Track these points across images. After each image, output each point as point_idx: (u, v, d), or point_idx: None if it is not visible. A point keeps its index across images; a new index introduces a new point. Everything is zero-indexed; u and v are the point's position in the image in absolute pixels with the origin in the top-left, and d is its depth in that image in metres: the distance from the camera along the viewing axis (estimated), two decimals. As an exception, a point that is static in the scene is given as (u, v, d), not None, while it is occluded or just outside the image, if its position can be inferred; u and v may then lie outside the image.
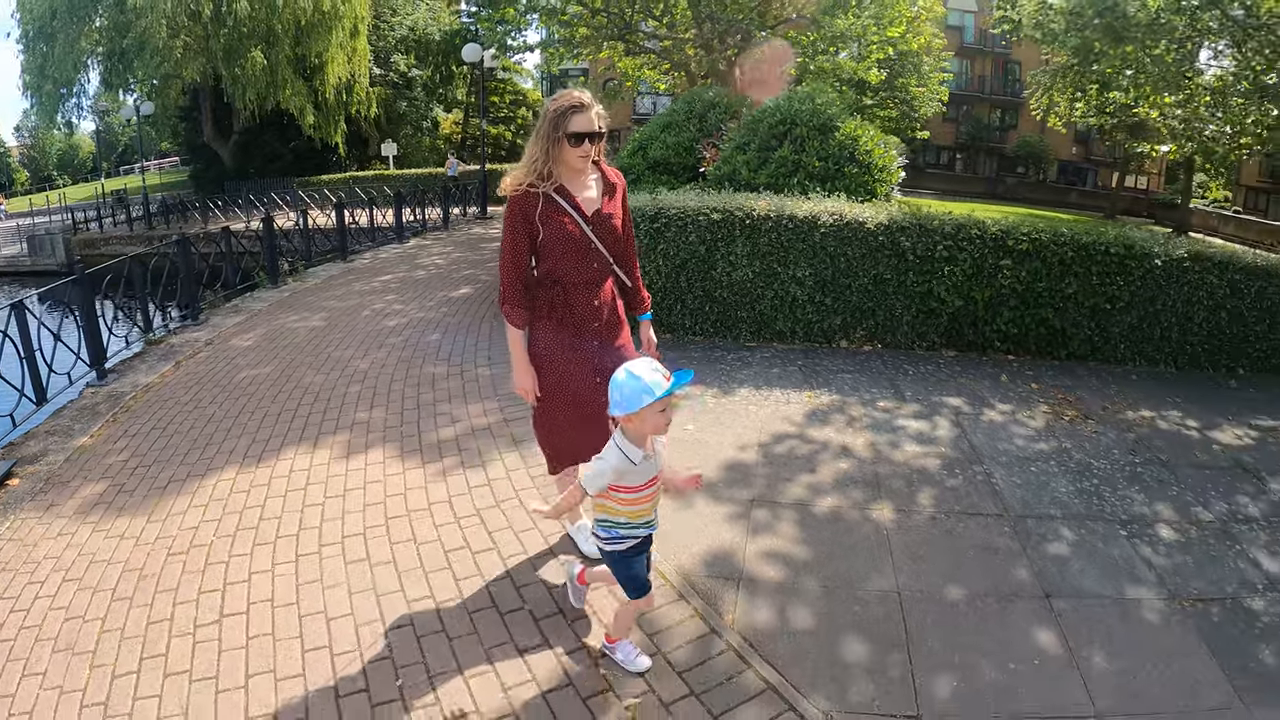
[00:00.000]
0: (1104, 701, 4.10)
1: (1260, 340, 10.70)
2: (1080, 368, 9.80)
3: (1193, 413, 8.72)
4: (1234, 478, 7.16)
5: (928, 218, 9.53)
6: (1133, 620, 4.81)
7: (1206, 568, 5.53)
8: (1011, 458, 6.89)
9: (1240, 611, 5.04)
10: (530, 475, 6.06)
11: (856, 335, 9.61)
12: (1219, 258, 10.29)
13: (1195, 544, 5.84)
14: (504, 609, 4.43)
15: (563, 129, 4.07)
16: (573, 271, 4.31)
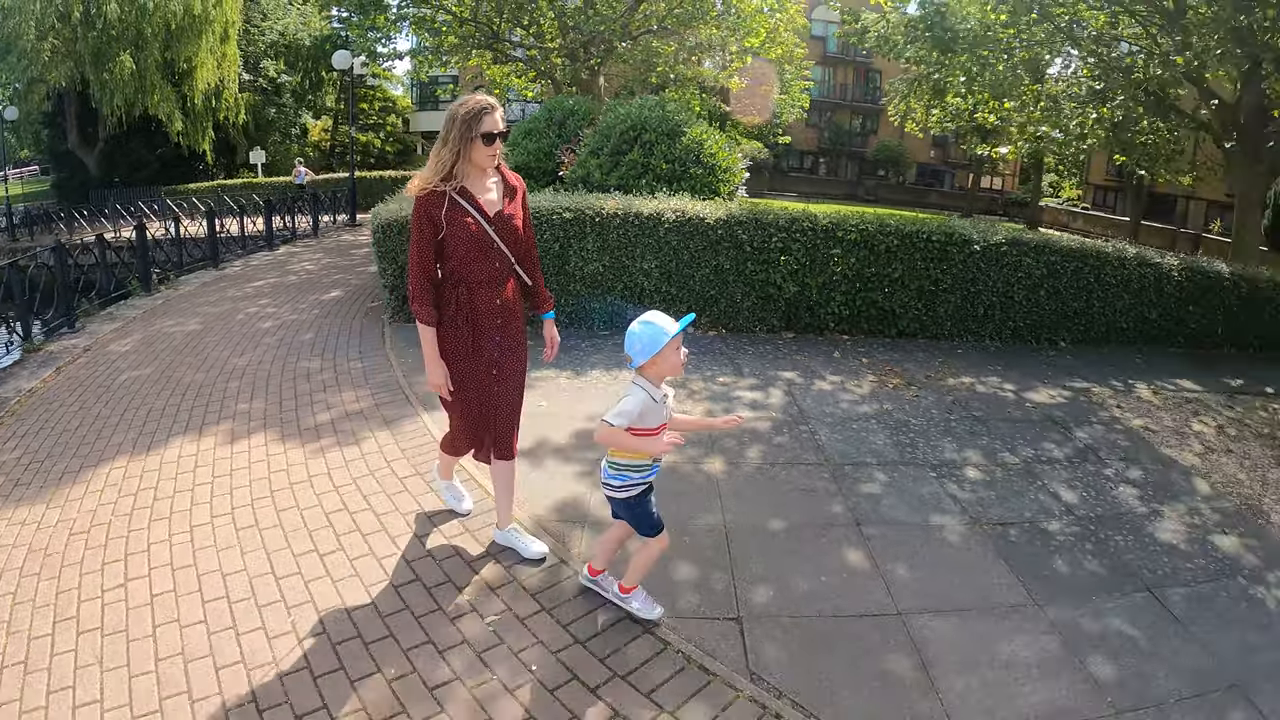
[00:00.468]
0: (906, 603, 4.90)
1: (1078, 315, 11.98)
2: (910, 344, 10.79)
3: (1011, 378, 9.81)
4: (1043, 429, 8.24)
5: (763, 213, 10.32)
6: (935, 542, 5.67)
7: (1009, 500, 6.49)
8: (836, 419, 7.73)
9: (1037, 533, 5.99)
10: (400, 448, 6.62)
11: (702, 321, 10.33)
12: (1035, 243, 11.45)
13: (1000, 482, 6.80)
14: (379, 555, 5.01)
15: (476, 130, 4.27)
16: (475, 270, 4.48)
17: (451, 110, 4.37)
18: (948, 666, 4.39)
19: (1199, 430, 9.09)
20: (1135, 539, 6.17)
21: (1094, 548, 5.91)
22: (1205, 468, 7.95)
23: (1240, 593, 5.66)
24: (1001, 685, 4.31)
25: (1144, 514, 6.67)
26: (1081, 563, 5.68)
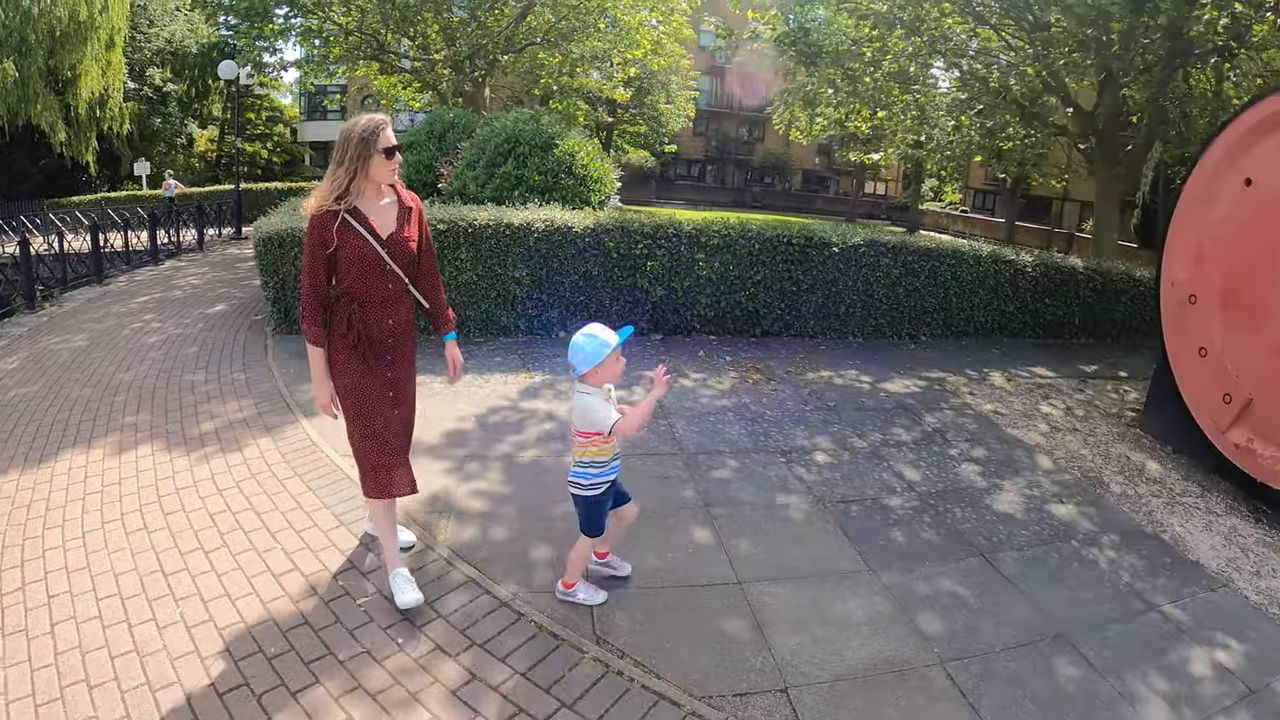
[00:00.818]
0: (746, 573, 5.31)
1: (937, 311, 12.66)
2: (774, 342, 11.27)
3: (869, 371, 10.36)
4: (894, 415, 8.79)
5: (629, 221, 10.70)
6: (779, 519, 6.10)
7: (854, 480, 6.98)
8: (695, 413, 8.13)
9: (877, 508, 6.49)
10: (280, 452, 6.83)
11: (574, 327, 10.53)
12: (892, 244, 12.04)
13: (846, 464, 7.29)
14: (260, 549, 5.26)
15: (375, 146, 4.30)
16: (368, 290, 4.47)
17: (347, 129, 4.36)
18: (781, 627, 4.79)
19: (1047, 412, 9.74)
20: (973, 511, 6.72)
21: (932, 519, 6.43)
22: (1049, 445, 8.58)
23: (1073, 554, 6.23)
24: (832, 641, 4.71)
25: (983, 488, 7.22)
26: (919, 533, 6.18)
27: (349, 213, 4.40)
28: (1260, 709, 4.73)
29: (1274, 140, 8.19)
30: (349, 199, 4.39)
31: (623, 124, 48.18)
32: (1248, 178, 8.40)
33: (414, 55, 25.28)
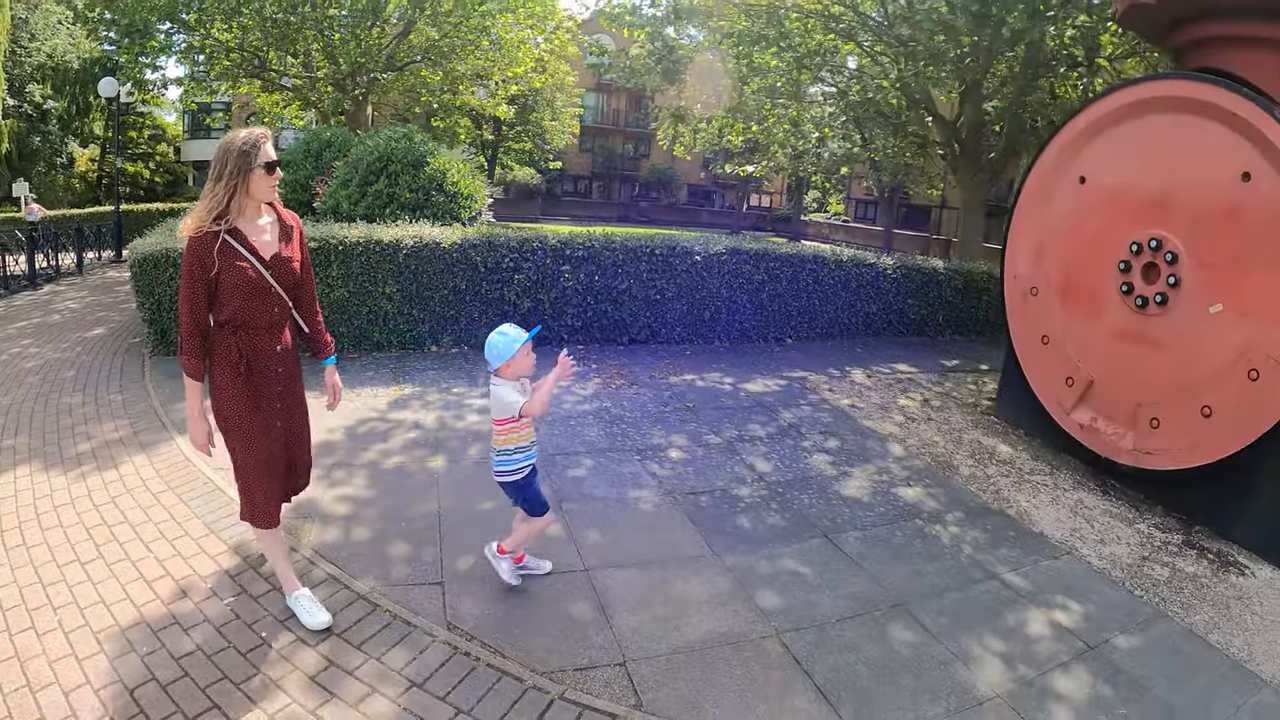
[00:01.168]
0: (593, 560, 5.65)
1: (802, 314, 13.22)
2: (641, 349, 11.63)
3: (732, 373, 10.79)
4: (751, 413, 9.21)
5: (496, 235, 10.95)
6: (629, 511, 6.45)
7: (705, 473, 7.36)
8: (557, 417, 8.42)
9: (726, 498, 6.87)
10: (155, 469, 6.93)
11: (444, 340, 10.82)
12: (754, 251, 12.52)
13: (699, 459, 7.67)
14: (134, 558, 5.40)
15: (256, 160, 4.13)
16: (253, 316, 4.29)
17: (225, 143, 4.17)
18: (624, 608, 5.11)
19: (904, 404, 10.25)
20: (820, 497, 7.16)
21: (779, 506, 6.83)
22: (903, 434, 9.09)
23: (915, 532, 6.70)
24: (672, 619, 5.04)
25: (833, 476, 7.67)
26: (764, 519, 6.57)
27: (229, 233, 4.19)
28: (1098, 663, 5.18)
29: (1104, 140, 8.79)
30: (229, 218, 4.19)
31: (508, 141, 48.36)
32: (1082, 176, 9.00)
33: (296, 73, 25.14)
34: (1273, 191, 7.27)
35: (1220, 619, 6.08)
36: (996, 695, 4.72)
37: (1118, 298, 8.42)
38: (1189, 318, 7.86)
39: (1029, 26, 15.01)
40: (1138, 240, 8.23)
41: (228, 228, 4.19)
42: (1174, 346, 7.97)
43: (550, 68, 32.65)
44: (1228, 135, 7.63)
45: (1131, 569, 6.67)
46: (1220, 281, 7.65)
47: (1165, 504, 8.13)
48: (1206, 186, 7.80)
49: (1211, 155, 7.77)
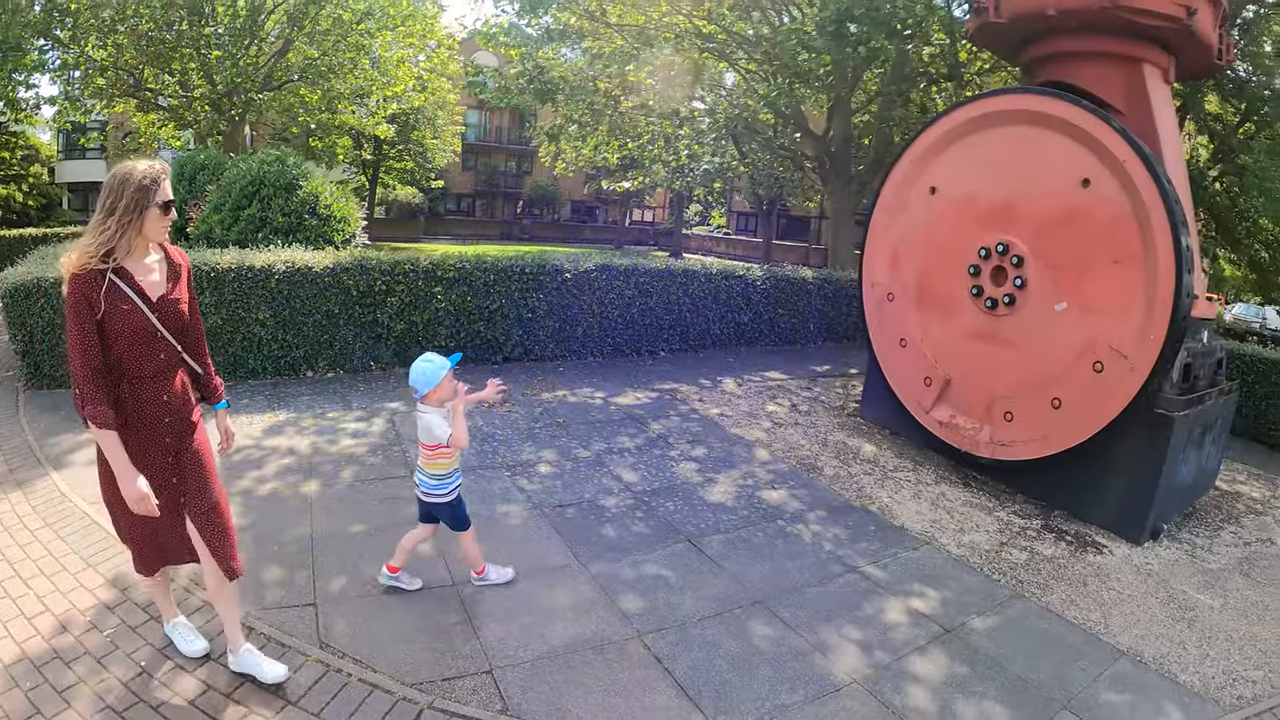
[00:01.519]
0: (461, 575, 5.74)
1: (674, 327, 13.52)
2: (515, 367, 11.72)
3: (604, 388, 10.95)
4: (621, 425, 9.39)
5: (368, 259, 10.91)
6: (498, 526, 6.55)
7: (573, 486, 7.50)
8: (430, 437, 8.50)
9: (593, 509, 7.03)
10: (31, 505, 6.72)
11: (320, 365, 10.73)
12: (624, 267, 12.71)
13: (568, 473, 7.80)
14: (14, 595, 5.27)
15: (154, 197, 3.84)
16: (139, 363, 3.95)
17: (122, 175, 3.82)
18: (491, 618, 5.25)
19: (772, 410, 10.55)
20: (685, 503, 7.39)
21: (644, 514, 7.03)
22: (770, 440, 9.37)
23: (778, 532, 6.97)
24: (538, 627, 5.20)
25: (698, 483, 7.89)
26: (630, 527, 6.76)
27: (116, 273, 3.85)
28: (956, 645, 5.51)
29: (953, 152, 9.26)
30: (116, 257, 3.86)
31: (389, 160, 47.79)
32: (932, 186, 9.45)
33: (172, 93, 24.68)
34: (1111, 195, 7.83)
35: (1077, 596, 6.52)
36: (854, 681, 4.97)
37: (969, 300, 8.87)
38: (1036, 316, 8.37)
39: (885, 45, 15.56)
40: (986, 246, 8.71)
41: (114, 266, 3.85)
42: (1023, 344, 8.47)
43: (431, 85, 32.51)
44: (1069, 145, 8.18)
45: (990, 555, 7.08)
46: (1064, 281, 8.17)
47: (1025, 492, 8.70)
48: (1049, 193, 8.34)
49: (1054, 164, 8.31)
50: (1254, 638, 6.35)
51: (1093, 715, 5.01)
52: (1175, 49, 9.19)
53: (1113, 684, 5.34)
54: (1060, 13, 8.72)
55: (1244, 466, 11.80)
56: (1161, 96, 9.19)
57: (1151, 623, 6.30)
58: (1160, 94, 9.16)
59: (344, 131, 31.04)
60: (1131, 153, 7.73)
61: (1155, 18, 8.47)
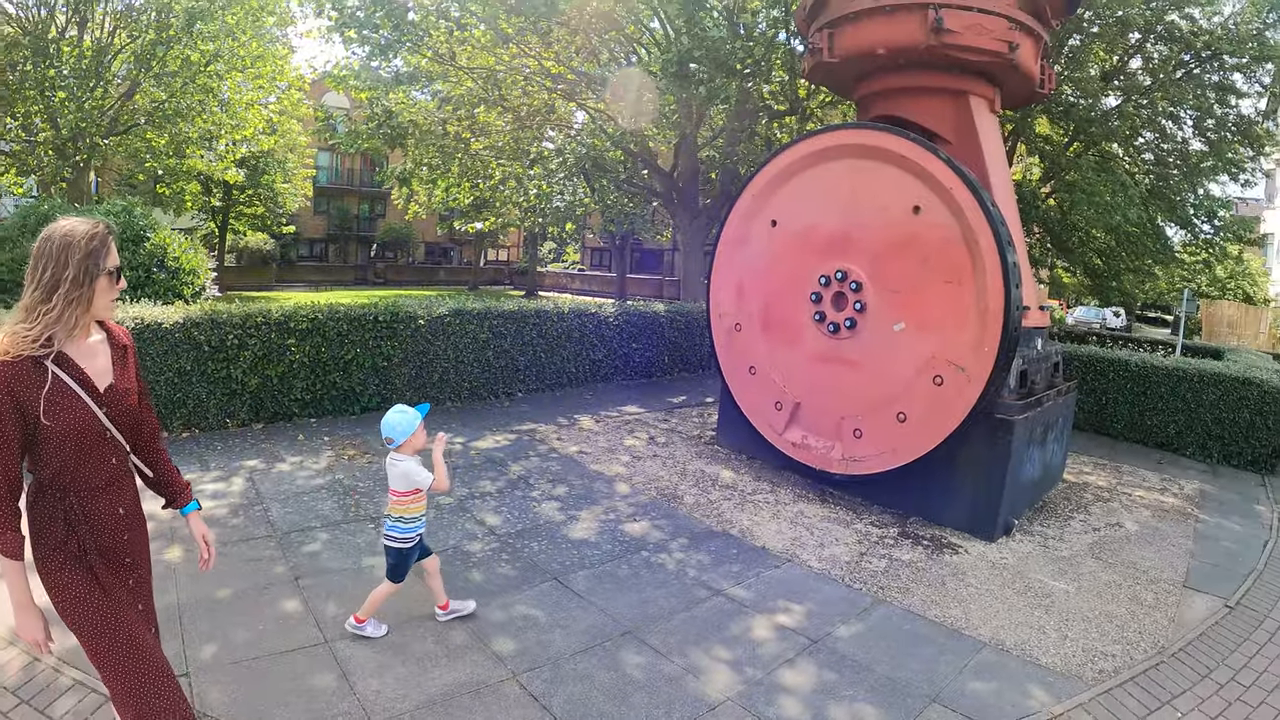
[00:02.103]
0: (333, 632, 5.69)
1: (529, 368, 13.70)
2: (374, 417, 11.56)
3: (463, 432, 10.96)
4: (482, 470, 9.43)
5: (219, 313, 10.65)
6: (365, 580, 6.46)
7: (438, 534, 7.50)
8: (290, 494, 8.36)
9: (459, 555, 7.06)
10: None
11: (174, 425, 10.41)
12: (477, 311, 12.78)
13: (432, 521, 7.78)
14: None
15: (103, 264, 3.14)
16: (87, 472, 3.21)
17: (60, 239, 3.08)
18: (366, 673, 5.22)
19: (631, 444, 10.72)
20: (549, 543, 7.49)
21: (510, 557, 7.09)
22: (629, 473, 9.54)
23: (642, 563, 7.12)
24: (413, 677, 5.20)
25: (561, 521, 8.01)
26: (496, 570, 6.80)
27: (56, 361, 3.09)
28: (823, 654, 5.75)
29: (791, 186, 9.67)
30: (56, 341, 3.10)
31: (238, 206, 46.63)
32: (773, 219, 9.80)
33: (14, 137, 23.80)
34: (941, 221, 8.31)
35: (937, 595, 6.86)
36: (727, 699, 5.13)
37: (813, 326, 9.23)
38: (877, 337, 8.79)
39: (726, 84, 16.01)
40: (826, 274, 9.10)
41: (54, 353, 3.09)
42: (867, 364, 8.87)
43: (281, 128, 32.07)
44: (900, 175, 8.66)
45: (850, 565, 7.39)
46: (901, 303, 8.60)
47: (881, 502, 9.14)
48: (884, 221, 8.80)
49: (886, 193, 8.77)
50: (1109, 615, 6.81)
51: (961, 705, 5.26)
52: (999, 81, 9.85)
53: (978, 674, 5.64)
54: (889, 51, 9.28)
55: (1089, 458, 12.64)
56: (988, 125, 9.80)
57: (1010, 613, 6.68)
58: (987, 123, 9.76)
59: (192, 177, 30.30)
60: (958, 180, 8.22)
61: (979, 54, 9.09)
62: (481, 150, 21.27)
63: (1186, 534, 9.26)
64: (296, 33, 43.17)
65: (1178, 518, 9.85)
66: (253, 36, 25.84)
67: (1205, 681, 5.81)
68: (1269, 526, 9.90)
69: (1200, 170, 22.14)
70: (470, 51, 19.89)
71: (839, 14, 9.62)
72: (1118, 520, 9.49)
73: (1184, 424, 13.80)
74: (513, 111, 19.81)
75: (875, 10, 9.24)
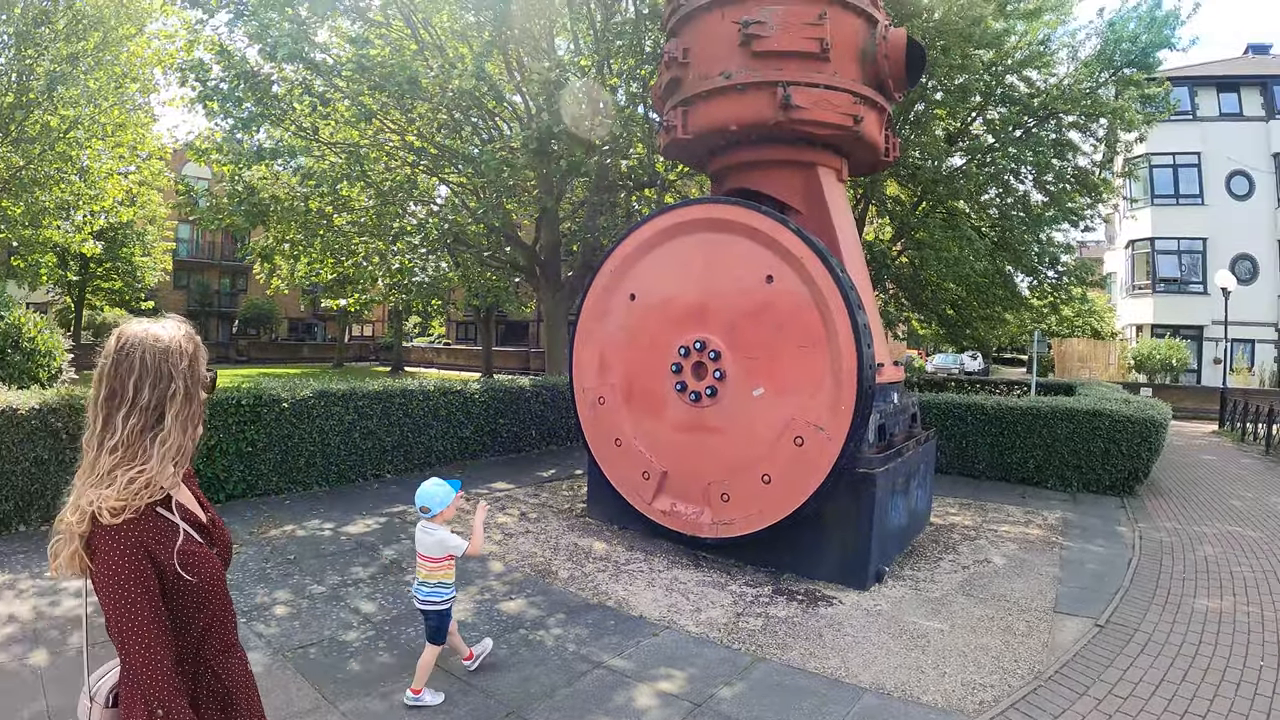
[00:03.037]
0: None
1: (397, 448, 13.72)
2: (239, 504, 11.39)
3: (333, 517, 10.86)
4: (354, 556, 9.34)
5: (77, 397, 10.25)
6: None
7: (312, 625, 7.40)
8: (154, 590, 8.21)
9: (335, 646, 6.97)
10: None
11: (32, 518, 10.01)
12: (341, 392, 12.77)
13: (305, 611, 7.69)
14: None
15: (205, 374, 2.65)
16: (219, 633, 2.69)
17: (154, 347, 2.50)
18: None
19: (503, 521, 10.79)
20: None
21: (387, 644, 7.06)
22: (503, 551, 9.59)
23: (521, 641, 7.17)
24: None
25: (437, 603, 7.94)
26: (374, 659, 6.76)
27: (164, 505, 2.52)
28: (707, 715, 5.88)
29: (649, 260, 10.02)
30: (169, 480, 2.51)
31: (96, 280, 45.33)
32: (632, 293, 10.08)
33: None
34: (793, 288, 8.73)
35: (815, 648, 7.09)
36: (615, 769, 5.17)
37: (675, 396, 9.50)
38: (738, 403, 9.10)
39: (585, 160, 16.39)
40: (685, 344, 9.40)
41: (161, 498, 2.51)
42: (730, 430, 9.16)
43: (141, 199, 31.46)
44: (753, 246, 9.06)
45: (728, 627, 7.57)
46: (759, 369, 8.96)
47: (754, 563, 9.38)
48: (739, 291, 9.18)
49: (741, 264, 9.16)
50: (984, 648, 7.16)
51: (849, 750, 5.40)
52: (846, 152, 10.46)
53: (862, 718, 5.85)
54: (741, 127, 9.74)
55: (955, 499, 13.23)
56: (836, 194, 10.35)
57: (889, 657, 6.95)
58: (835, 192, 10.30)
59: (48, 248, 29.39)
60: (808, 250, 8.66)
61: (826, 127, 9.64)
62: (344, 225, 21.22)
63: (1053, 562, 9.83)
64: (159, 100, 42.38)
65: (1043, 547, 10.45)
66: (115, 103, 25.51)
67: (1084, 699, 6.17)
68: (1131, 545, 10.62)
69: (1042, 220, 23.52)
70: (334, 126, 19.94)
71: (692, 92, 10.07)
72: (985, 556, 9.98)
73: (1043, 458, 14.71)
74: (375, 186, 19.82)
75: (728, 89, 9.71)
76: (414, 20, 19.04)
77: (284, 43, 14.81)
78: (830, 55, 9.61)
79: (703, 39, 10.14)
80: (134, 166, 28.52)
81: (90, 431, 2.49)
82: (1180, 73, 42.93)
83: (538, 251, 22.04)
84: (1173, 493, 14.98)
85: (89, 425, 2.51)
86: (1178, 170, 44.50)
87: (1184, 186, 44.49)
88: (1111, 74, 22.74)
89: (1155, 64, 23.01)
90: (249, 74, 16.44)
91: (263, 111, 16.98)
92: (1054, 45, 23.42)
